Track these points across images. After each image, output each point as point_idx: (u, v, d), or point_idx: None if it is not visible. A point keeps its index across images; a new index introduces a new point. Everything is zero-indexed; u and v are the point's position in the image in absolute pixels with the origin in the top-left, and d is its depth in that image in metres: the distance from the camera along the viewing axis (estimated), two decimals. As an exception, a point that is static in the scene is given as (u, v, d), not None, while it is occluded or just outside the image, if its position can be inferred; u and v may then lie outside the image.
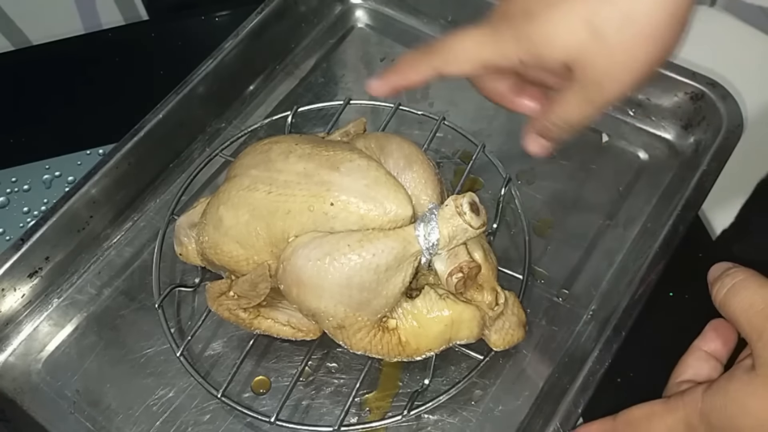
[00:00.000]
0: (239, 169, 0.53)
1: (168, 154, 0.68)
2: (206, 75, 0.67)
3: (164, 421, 0.55)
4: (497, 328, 0.52)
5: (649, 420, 0.40)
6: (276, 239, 0.50)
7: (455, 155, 0.67)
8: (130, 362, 0.58)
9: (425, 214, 0.49)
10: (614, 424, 0.42)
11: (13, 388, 0.57)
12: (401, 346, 0.50)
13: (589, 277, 0.60)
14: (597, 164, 0.66)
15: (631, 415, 0.41)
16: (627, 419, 0.42)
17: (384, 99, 0.71)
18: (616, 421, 0.42)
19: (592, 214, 0.63)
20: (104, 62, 0.80)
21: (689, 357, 0.43)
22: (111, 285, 0.62)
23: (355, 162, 0.50)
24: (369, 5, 0.78)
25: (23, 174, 0.71)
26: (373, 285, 0.47)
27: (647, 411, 0.41)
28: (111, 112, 0.74)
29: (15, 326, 0.60)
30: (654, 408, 0.41)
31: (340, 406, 0.52)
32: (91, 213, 0.62)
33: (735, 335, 0.43)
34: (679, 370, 0.43)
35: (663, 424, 0.40)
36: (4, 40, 0.86)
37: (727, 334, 0.43)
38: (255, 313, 0.53)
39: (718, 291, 0.40)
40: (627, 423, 0.41)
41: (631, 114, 0.68)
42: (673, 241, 0.56)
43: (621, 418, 0.42)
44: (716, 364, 0.43)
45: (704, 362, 0.42)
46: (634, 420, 0.41)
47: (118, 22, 0.88)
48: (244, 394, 0.56)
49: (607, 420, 0.43)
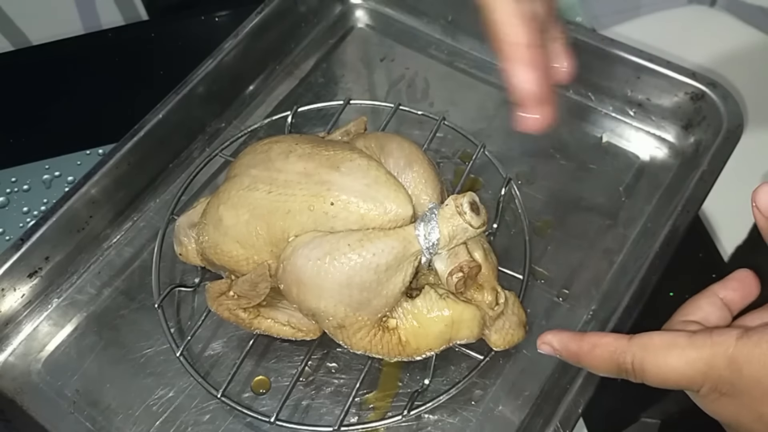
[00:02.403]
0: (239, 168, 0.53)
1: (168, 154, 0.68)
2: (206, 75, 0.67)
3: (164, 421, 0.55)
4: (497, 328, 0.52)
5: (668, 350, 0.38)
6: (276, 239, 0.50)
7: (455, 155, 0.67)
8: (130, 362, 0.58)
9: (425, 213, 0.49)
10: (629, 344, 0.39)
11: (13, 388, 0.57)
12: (401, 345, 0.50)
13: (589, 277, 0.60)
14: (597, 164, 0.66)
15: (650, 340, 0.39)
16: (644, 344, 0.39)
17: (384, 99, 0.72)
18: (632, 343, 0.39)
19: (592, 214, 0.63)
20: (104, 62, 0.80)
21: (702, 299, 0.41)
22: (111, 285, 0.62)
23: (356, 161, 0.50)
24: (369, 5, 0.78)
25: (23, 174, 0.71)
26: (373, 285, 0.47)
27: (668, 341, 0.38)
28: (111, 112, 0.74)
29: (15, 326, 0.60)
30: (677, 339, 0.38)
31: (340, 406, 0.52)
32: (91, 213, 0.62)
33: (757, 291, 0.41)
34: (687, 309, 0.41)
35: (683, 358, 0.37)
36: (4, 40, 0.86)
37: (750, 287, 0.41)
38: (255, 313, 0.53)
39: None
40: (643, 347, 0.39)
41: (631, 114, 0.68)
42: (673, 241, 0.56)
43: (638, 340, 0.39)
44: (728, 314, 0.41)
45: (717, 309, 0.40)
46: (652, 346, 0.38)
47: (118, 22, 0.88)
48: (244, 394, 0.56)
49: (622, 338, 0.40)
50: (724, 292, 0.41)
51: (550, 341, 0.43)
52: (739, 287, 0.41)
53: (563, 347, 0.42)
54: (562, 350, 0.42)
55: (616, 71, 0.66)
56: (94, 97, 0.77)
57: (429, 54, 0.75)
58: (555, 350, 0.42)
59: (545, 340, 0.43)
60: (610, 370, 0.40)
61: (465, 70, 0.73)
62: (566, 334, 0.42)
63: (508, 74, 0.44)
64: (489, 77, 0.72)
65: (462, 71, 0.73)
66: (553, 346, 0.42)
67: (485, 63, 0.73)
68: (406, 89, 0.72)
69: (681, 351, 0.37)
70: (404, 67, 0.74)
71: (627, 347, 0.39)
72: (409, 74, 0.73)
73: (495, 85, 0.72)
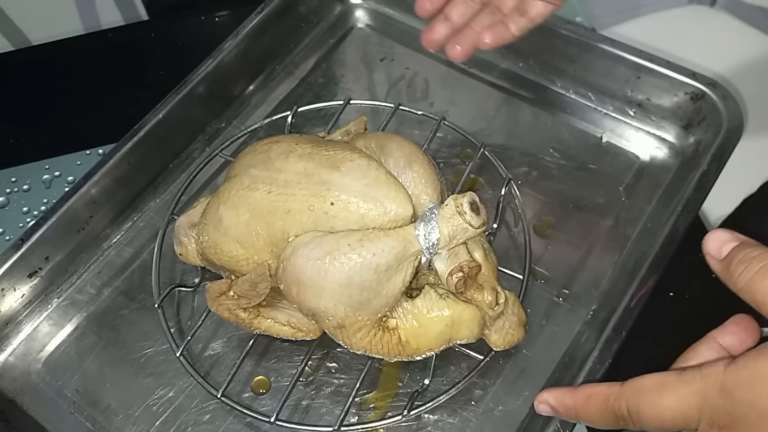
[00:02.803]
0: (239, 168, 0.53)
1: (168, 154, 0.68)
2: (206, 75, 0.67)
3: (164, 421, 0.55)
4: (497, 328, 0.52)
5: (660, 390, 0.38)
6: (276, 239, 0.50)
7: (455, 155, 0.67)
8: (130, 362, 0.58)
9: (425, 213, 0.49)
10: (621, 390, 0.40)
11: (13, 388, 0.57)
12: (401, 345, 0.50)
13: (589, 277, 0.60)
14: (597, 164, 0.66)
15: (642, 383, 0.39)
16: (636, 387, 0.39)
17: (384, 99, 0.72)
18: (624, 388, 0.40)
19: (592, 214, 0.63)
20: (104, 62, 0.80)
21: (702, 345, 0.41)
22: (111, 285, 0.62)
23: (356, 161, 0.50)
24: (369, 5, 0.78)
25: (23, 174, 0.71)
26: (373, 284, 0.47)
27: (659, 381, 0.39)
28: (111, 112, 0.74)
29: (15, 326, 0.60)
30: (667, 378, 0.38)
31: (340, 406, 0.52)
32: (91, 213, 0.62)
33: (757, 336, 0.41)
34: (687, 355, 0.41)
35: (675, 395, 0.38)
36: (4, 40, 0.86)
37: (749, 332, 0.41)
38: (255, 313, 0.53)
39: (743, 274, 0.38)
40: (635, 390, 0.39)
41: (631, 114, 0.68)
42: (673, 241, 0.56)
43: (630, 385, 0.40)
44: (728, 360, 0.41)
45: (716, 354, 0.41)
46: (644, 389, 0.39)
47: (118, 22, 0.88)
48: (244, 394, 0.56)
49: (615, 385, 0.41)
50: (722, 338, 0.41)
51: (546, 399, 0.43)
52: (738, 331, 0.41)
53: (559, 404, 0.43)
54: (559, 407, 0.43)
55: (616, 71, 0.66)
56: (94, 97, 0.77)
57: (429, 54, 0.74)
58: (552, 408, 0.43)
59: (541, 400, 0.44)
60: (608, 420, 0.41)
61: (465, 70, 0.73)
62: (560, 390, 0.43)
63: None
64: (489, 77, 0.72)
65: (462, 71, 0.73)
66: (549, 404, 0.43)
67: (485, 63, 0.73)
68: (406, 89, 0.72)
69: (672, 389, 0.38)
70: (404, 67, 0.74)
71: (620, 393, 0.40)
72: (409, 74, 0.73)
73: (495, 85, 0.72)
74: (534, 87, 0.71)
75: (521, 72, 0.72)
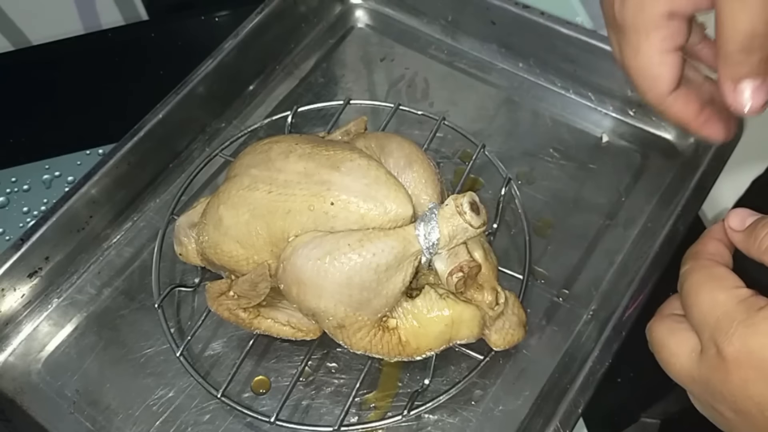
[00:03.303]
0: (239, 168, 0.53)
1: (168, 154, 0.68)
2: (206, 75, 0.67)
3: (164, 421, 0.55)
4: (497, 328, 0.52)
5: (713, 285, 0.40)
6: (276, 239, 0.50)
7: (455, 155, 0.67)
8: (130, 362, 0.58)
9: (425, 213, 0.49)
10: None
11: (13, 388, 0.57)
12: (401, 345, 0.50)
13: (589, 277, 0.60)
14: (597, 164, 0.66)
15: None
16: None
17: (384, 99, 0.72)
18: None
19: (592, 214, 0.63)
20: (104, 62, 0.80)
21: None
22: (111, 285, 0.62)
23: (356, 161, 0.50)
24: (369, 5, 0.78)
25: (23, 174, 0.71)
26: (373, 284, 0.47)
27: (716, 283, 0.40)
28: (111, 112, 0.74)
29: (15, 326, 0.60)
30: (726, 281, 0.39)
31: (340, 406, 0.52)
32: (91, 213, 0.62)
33: None
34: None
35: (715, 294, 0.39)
36: (4, 40, 0.86)
37: None
38: (255, 313, 0.53)
39: (763, 240, 0.38)
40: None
41: (631, 114, 0.68)
42: (673, 241, 0.56)
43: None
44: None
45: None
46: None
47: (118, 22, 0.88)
48: (244, 394, 0.56)
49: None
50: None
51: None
52: None
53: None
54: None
55: (616, 71, 0.66)
56: (94, 97, 0.77)
57: (429, 54, 0.75)
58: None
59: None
60: None
61: (465, 70, 0.73)
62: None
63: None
64: (489, 77, 0.72)
65: (462, 71, 0.73)
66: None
67: (485, 63, 0.73)
68: (406, 89, 0.72)
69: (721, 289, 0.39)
70: (404, 67, 0.74)
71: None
72: (409, 74, 0.73)
73: (495, 85, 0.72)
74: (534, 87, 0.71)
75: (521, 72, 0.72)
